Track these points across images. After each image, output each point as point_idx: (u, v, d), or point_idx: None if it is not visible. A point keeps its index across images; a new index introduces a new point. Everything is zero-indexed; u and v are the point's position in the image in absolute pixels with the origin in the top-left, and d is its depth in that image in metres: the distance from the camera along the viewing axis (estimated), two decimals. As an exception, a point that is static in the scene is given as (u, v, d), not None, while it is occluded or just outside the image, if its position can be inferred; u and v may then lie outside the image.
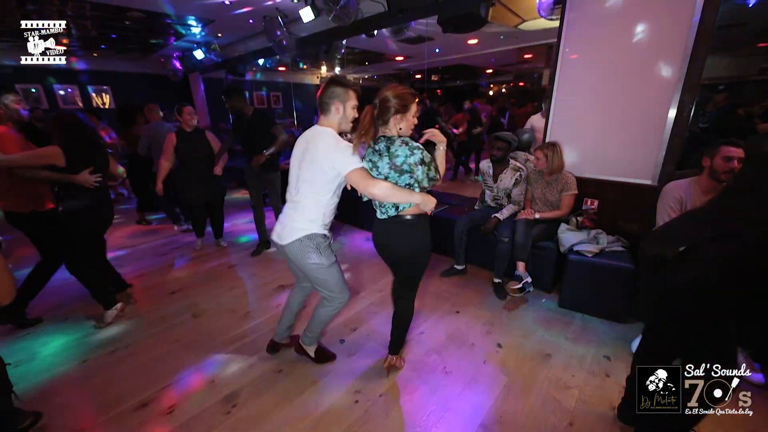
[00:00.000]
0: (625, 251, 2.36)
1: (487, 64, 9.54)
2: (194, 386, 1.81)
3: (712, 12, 2.03)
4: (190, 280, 2.98)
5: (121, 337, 2.22)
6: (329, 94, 1.51)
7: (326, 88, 1.52)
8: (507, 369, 1.90)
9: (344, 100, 1.52)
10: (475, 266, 3.05)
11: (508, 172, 2.68)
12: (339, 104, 1.52)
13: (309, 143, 1.54)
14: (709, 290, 1.14)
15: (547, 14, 3.26)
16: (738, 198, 1.20)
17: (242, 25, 5.03)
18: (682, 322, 1.23)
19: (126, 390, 1.79)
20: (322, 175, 1.50)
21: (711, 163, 1.87)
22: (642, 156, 2.40)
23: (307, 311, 2.01)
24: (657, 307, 1.34)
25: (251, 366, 1.94)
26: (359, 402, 1.69)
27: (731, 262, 1.12)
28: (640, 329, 2.07)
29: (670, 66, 2.20)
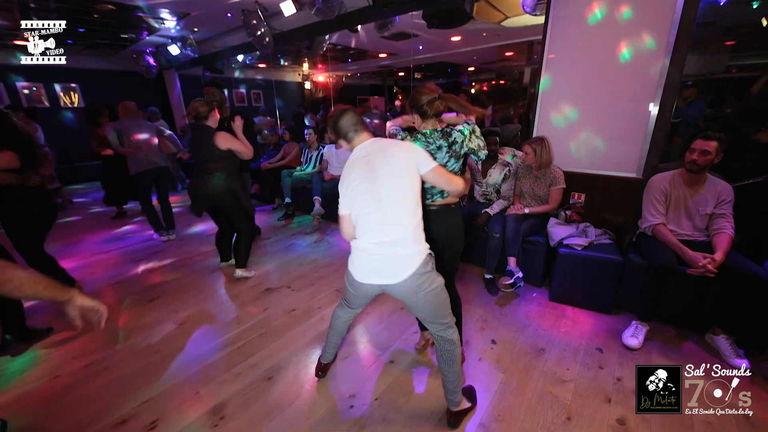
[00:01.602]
0: (612, 243, 2.40)
1: (469, 62, 9.62)
2: (178, 399, 1.71)
3: (693, 8, 2.08)
4: (171, 286, 2.84)
5: (96, 350, 2.08)
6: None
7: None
8: (502, 365, 1.88)
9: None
10: (466, 263, 3.03)
11: (496, 167, 2.67)
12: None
13: (374, 158, 1.35)
14: None
15: (531, 10, 3.28)
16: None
17: (220, 19, 4.84)
18: None
19: (103, 407, 1.67)
20: (410, 184, 1.33)
21: (686, 155, 1.94)
22: (627, 150, 2.44)
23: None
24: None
25: (239, 375, 1.85)
26: (354, 407, 1.63)
27: None
28: (628, 320, 2.10)
29: (653, 61, 2.24)
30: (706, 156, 1.88)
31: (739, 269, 1.81)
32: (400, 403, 1.65)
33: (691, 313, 2.07)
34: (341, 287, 2.73)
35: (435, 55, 7.83)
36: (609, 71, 2.40)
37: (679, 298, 2.07)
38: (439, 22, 3.38)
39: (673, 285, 1.99)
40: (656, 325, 2.14)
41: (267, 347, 2.05)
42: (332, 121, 1.49)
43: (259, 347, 2.06)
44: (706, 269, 1.79)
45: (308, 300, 2.57)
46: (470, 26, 5.02)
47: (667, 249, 1.99)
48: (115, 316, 2.41)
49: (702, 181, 2.00)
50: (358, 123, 1.46)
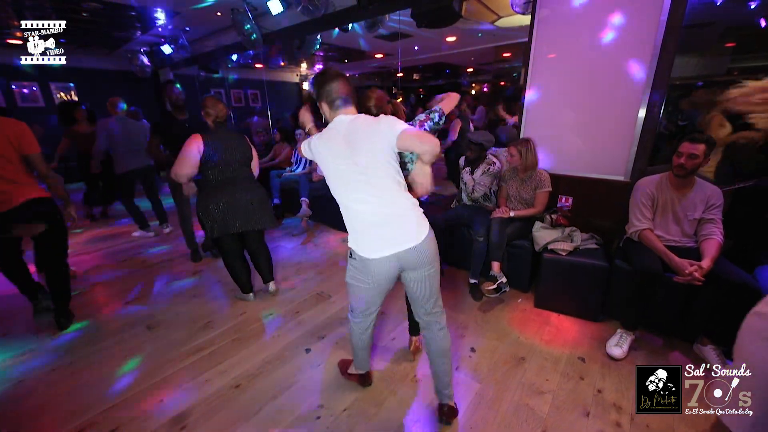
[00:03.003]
0: (598, 249, 2.32)
1: (467, 63, 9.56)
2: (140, 407, 1.65)
3: (681, 7, 2.01)
4: (149, 288, 2.78)
5: (65, 354, 2.03)
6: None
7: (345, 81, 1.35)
8: (480, 375, 1.81)
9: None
10: (451, 267, 2.97)
11: (481, 166, 2.62)
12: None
13: (354, 133, 1.27)
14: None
15: (521, 10, 3.21)
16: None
17: (210, 18, 4.80)
18: None
19: (62, 414, 1.61)
20: (390, 155, 1.26)
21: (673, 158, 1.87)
22: (614, 153, 2.37)
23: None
24: None
25: (206, 381, 1.79)
26: (321, 418, 1.56)
27: None
28: (614, 328, 2.03)
29: (640, 64, 2.18)
30: (693, 160, 1.81)
31: (728, 276, 1.73)
32: (370, 414, 1.59)
33: (678, 322, 1.99)
34: (323, 291, 2.67)
35: (432, 55, 7.77)
36: (596, 73, 2.33)
37: (667, 306, 1.99)
38: (428, 21, 3.32)
39: (660, 292, 1.91)
40: (643, 333, 2.07)
41: (238, 353, 1.99)
42: (323, 79, 1.31)
43: (231, 353, 1.99)
44: (693, 277, 1.71)
45: (287, 304, 2.50)
46: (463, 26, 4.97)
47: (653, 255, 1.92)
48: (90, 318, 2.36)
49: (690, 185, 1.92)
50: (351, 94, 1.34)
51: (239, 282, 2.48)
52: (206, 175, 2.21)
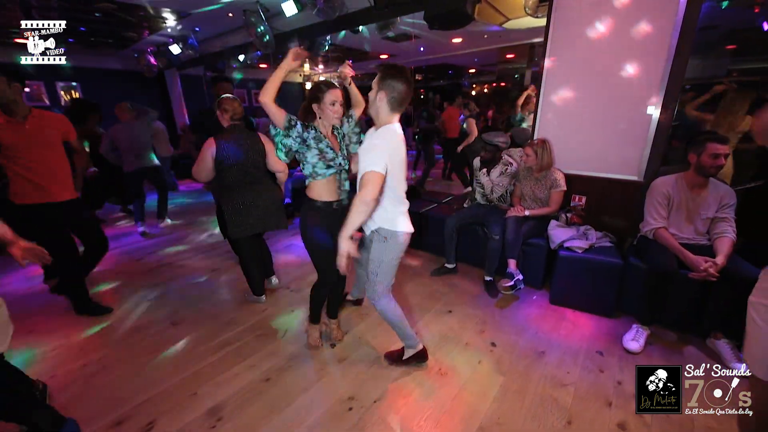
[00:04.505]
0: (613, 247, 2.39)
1: (470, 64, 9.62)
2: (175, 400, 1.69)
3: (695, 11, 2.07)
4: (169, 286, 2.82)
5: (92, 350, 2.06)
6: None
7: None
8: (502, 368, 1.87)
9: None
10: (466, 264, 3.02)
11: (498, 167, 2.67)
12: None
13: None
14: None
15: (533, 12, 3.27)
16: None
17: (221, 19, 4.84)
18: None
19: (98, 407, 1.65)
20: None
21: (698, 159, 1.90)
22: (628, 152, 2.43)
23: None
24: None
25: (236, 376, 1.83)
26: (353, 409, 1.62)
27: None
28: (629, 324, 2.09)
29: (654, 65, 2.23)
30: (725, 159, 1.87)
31: (741, 273, 1.79)
32: (399, 406, 1.64)
33: (693, 318, 2.05)
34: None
35: (436, 56, 7.82)
36: (610, 73, 2.39)
37: (681, 302, 2.05)
38: (441, 23, 3.37)
39: (675, 289, 1.97)
40: (658, 329, 2.13)
41: (265, 348, 2.04)
42: (394, 72, 1.46)
43: (258, 348, 2.04)
44: (708, 273, 1.78)
45: (307, 301, 2.54)
46: (472, 27, 5.02)
47: (668, 252, 1.98)
48: (113, 316, 2.40)
49: (705, 185, 1.98)
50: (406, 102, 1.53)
51: (253, 283, 2.47)
52: (223, 176, 2.20)
